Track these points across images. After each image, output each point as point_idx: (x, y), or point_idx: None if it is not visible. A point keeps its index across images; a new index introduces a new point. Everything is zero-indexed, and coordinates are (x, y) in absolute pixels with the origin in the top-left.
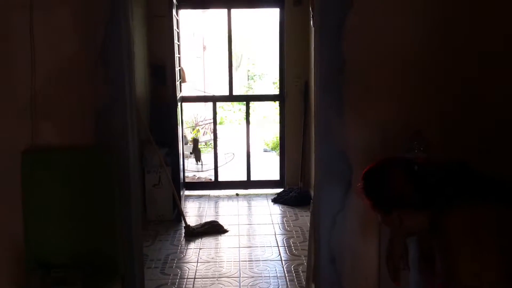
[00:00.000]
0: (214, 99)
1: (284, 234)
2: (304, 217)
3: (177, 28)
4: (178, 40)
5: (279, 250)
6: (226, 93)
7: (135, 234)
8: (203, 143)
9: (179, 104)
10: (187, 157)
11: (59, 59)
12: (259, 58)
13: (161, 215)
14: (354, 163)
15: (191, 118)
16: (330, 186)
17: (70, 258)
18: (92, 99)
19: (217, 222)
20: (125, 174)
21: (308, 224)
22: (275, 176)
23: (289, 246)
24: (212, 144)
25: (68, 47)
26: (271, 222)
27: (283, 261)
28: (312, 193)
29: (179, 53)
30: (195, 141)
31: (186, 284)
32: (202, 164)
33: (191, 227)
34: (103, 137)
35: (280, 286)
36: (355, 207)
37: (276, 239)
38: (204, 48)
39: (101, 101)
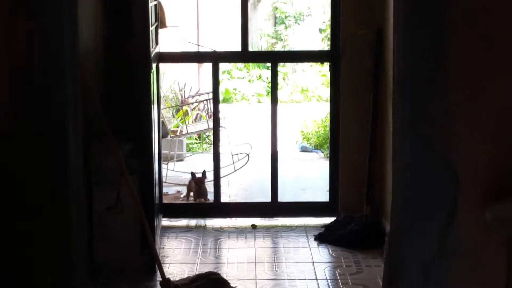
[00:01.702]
0: (216, 58)
1: None
2: (373, 268)
3: None
4: None
5: None
6: (237, 47)
7: None
8: (194, 135)
9: (153, 65)
10: (166, 159)
11: None
12: None
13: (121, 261)
14: (463, 174)
15: (174, 91)
16: (421, 213)
17: None
18: (6, 58)
19: (218, 275)
20: (61, 186)
21: (380, 281)
22: (322, 195)
23: None
24: (211, 138)
25: None
26: (315, 277)
27: None
28: (387, 225)
29: None
30: (198, 180)
31: None
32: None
33: (173, 282)
34: (23, 122)
35: None
36: (464, 248)
37: None
38: None
39: (21, 62)
